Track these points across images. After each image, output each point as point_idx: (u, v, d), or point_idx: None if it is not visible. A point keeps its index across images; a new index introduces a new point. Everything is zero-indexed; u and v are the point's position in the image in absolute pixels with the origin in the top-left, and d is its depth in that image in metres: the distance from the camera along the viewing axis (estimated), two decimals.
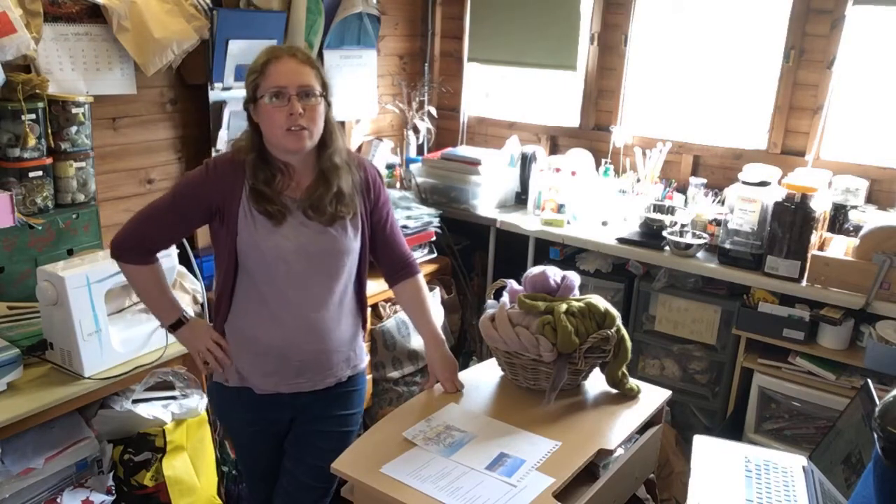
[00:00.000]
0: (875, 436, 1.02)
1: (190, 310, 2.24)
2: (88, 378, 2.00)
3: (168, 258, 2.17)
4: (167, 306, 1.81)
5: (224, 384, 1.81)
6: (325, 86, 1.69)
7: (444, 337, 1.94)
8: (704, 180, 3.02)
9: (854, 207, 2.70)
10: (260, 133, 1.68)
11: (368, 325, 2.01)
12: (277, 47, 1.68)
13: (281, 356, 1.75)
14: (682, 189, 3.08)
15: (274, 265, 1.68)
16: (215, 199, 1.68)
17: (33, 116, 2.13)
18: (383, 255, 1.90)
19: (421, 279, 1.95)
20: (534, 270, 1.91)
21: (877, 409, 1.03)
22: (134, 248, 1.73)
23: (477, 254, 3.53)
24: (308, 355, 1.76)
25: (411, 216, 3.06)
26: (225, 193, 1.68)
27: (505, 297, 1.90)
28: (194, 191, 1.70)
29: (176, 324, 1.81)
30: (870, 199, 2.78)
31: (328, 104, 1.71)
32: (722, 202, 2.88)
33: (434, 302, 1.91)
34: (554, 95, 3.64)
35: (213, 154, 2.76)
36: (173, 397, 2.19)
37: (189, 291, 2.34)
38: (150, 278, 1.78)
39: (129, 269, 1.77)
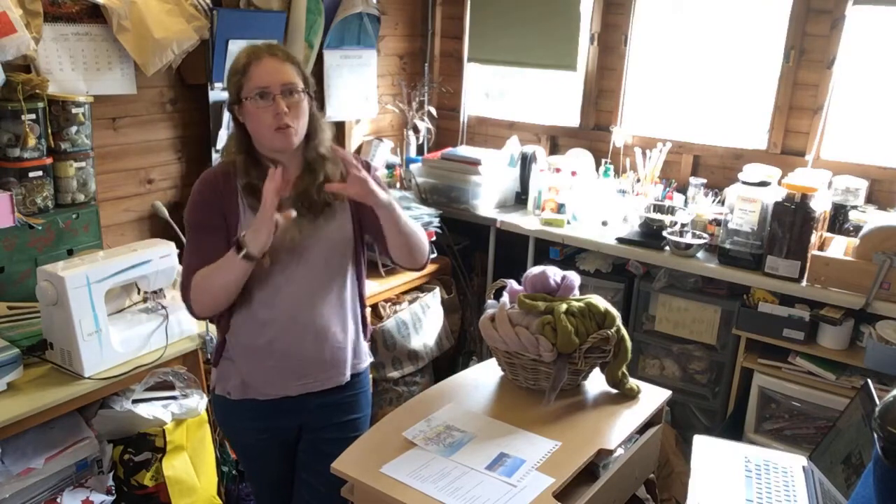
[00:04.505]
0: (875, 436, 1.02)
1: None
2: (88, 378, 2.00)
3: (168, 258, 2.17)
4: (228, 260, 1.61)
5: (227, 397, 1.79)
6: (306, 81, 1.69)
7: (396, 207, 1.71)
8: (704, 180, 3.02)
9: (854, 207, 2.70)
10: (247, 133, 1.68)
11: (369, 326, 1.99)
12: (256, 47, 1.67)
13: (283, 358, 1.74)
14: (682, 189, 3.08)
15: (268, 263, 1.68)
16: (221, 210, 1.69)
17: (33, 116, 2.14)
18: (383, 238, 1.82)
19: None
20: (534, 270, 1.91)
21: (877, 409, 1.03)
22: None
23: (477, 254, 3.53)
24: (309, 354, 1.75)
25: (411, 216, 3.05)
26: (224, 202, 1.68)
27: (505, 297, 1.90)
28: (204, 210, 1.69)
29: (240, 251, 1.58)
30: (870, 199, 2.78)
31: (310, 98, 1.71)
32: (722, 202, 2.88)
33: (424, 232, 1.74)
34: (554, 95, 3.64)
35: (214, 154, 2.76)
36: (173, 397, 2.19)
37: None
38: (210, 272, 1.64)
39: (199, 291, 1.66)
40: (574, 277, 1.90)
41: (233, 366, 1.78)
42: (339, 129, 3.39)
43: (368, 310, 2.30)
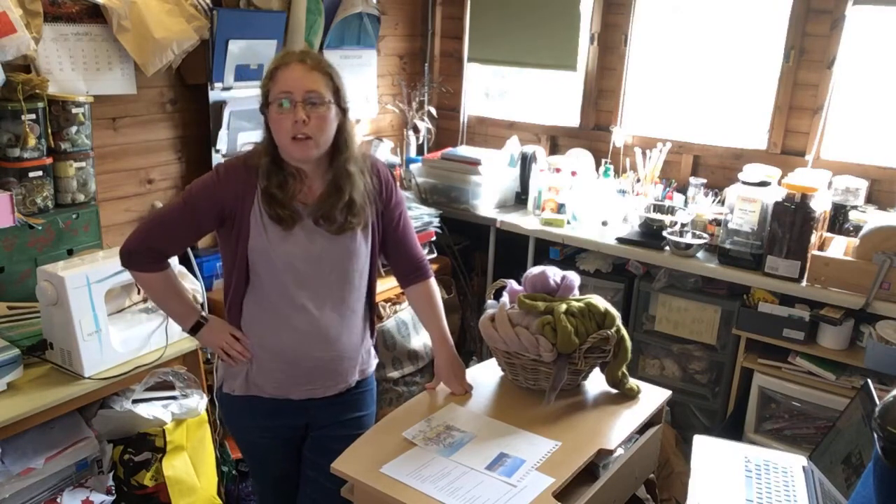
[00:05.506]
0: (875, 436, 1.02)
1: None
2: (88, 378, 2.00)
3: None
4: (184, 311, 1.80)
5: (231, 394, 1.79)
6: (337, 91, 1.65)
7: (451, 340, 1.93)
8: (704, 180, 3.02)
9: (854, 207, 2.70)
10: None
11: (376, 329, 2.01)
12: (289, 53, 1.66)
13: (291, 363, 1.74)
14: (682, 189, 3.08)
15: (283, 272, 1.67)
16: (227, 203, 1.67)
17: (33, 116, 2.14)
18: (396, 257, 1.89)
19: (433, 283, 1.95)
20: (534, 270, 1.91)
21: (877, 409, 1.03)
22: (143, 255, 1.71)
23: (477, 254, 3.53)
24: (319, 362, 1.75)
25: (411, 216, 3.06)
26: (237, 198, 1.66)
27: (505, 297, 1.90)
28: (206, 195, 1.68)
29: (196, 326, 1.79)
30: (870, 199, 2.78)
31: (343, 110, 1.68)
32: (722, 202, 2.88)
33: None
34: (554, 95, 3.64)
35: (214, 154, 2.76)
36: (173, 397, 2.19)
37: (189, 291, 2.34)
38: (163, 284, 1.76)
39: (140, 277, 1.76)
40: (574, 277, 1.90)
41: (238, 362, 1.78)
42: None
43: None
